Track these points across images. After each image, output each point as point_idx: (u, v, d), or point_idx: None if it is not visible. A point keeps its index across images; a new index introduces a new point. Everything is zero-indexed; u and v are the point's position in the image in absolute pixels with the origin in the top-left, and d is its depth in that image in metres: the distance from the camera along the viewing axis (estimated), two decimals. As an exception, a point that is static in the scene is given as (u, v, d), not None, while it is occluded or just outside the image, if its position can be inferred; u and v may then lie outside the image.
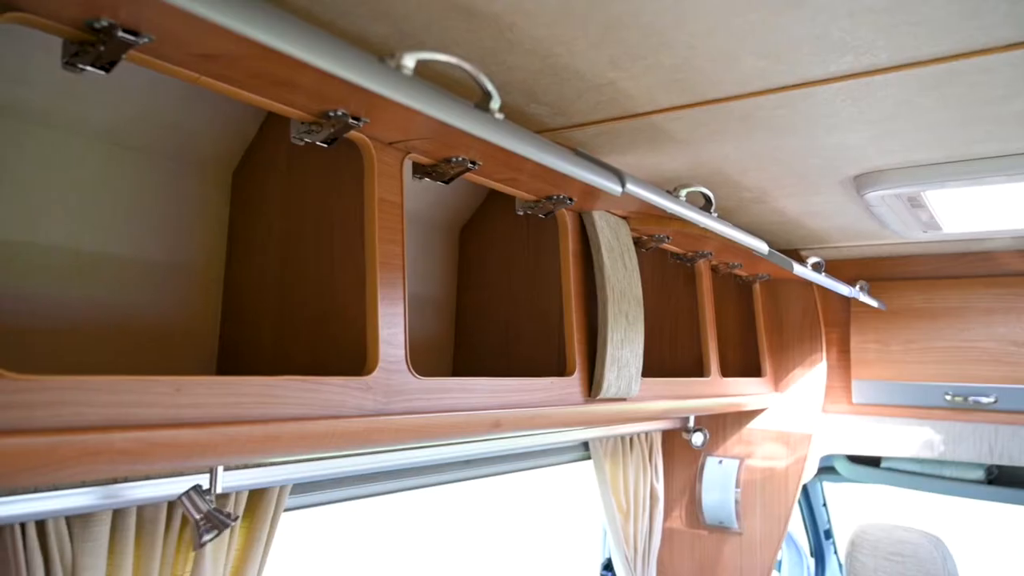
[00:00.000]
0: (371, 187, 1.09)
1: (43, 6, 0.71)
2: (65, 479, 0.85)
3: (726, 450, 2.62)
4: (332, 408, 0.97)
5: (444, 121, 0.75)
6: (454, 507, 2.26)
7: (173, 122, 1.19)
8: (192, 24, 0.72)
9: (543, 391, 1.38)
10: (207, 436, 0.81)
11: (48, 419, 0.69)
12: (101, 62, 0.78)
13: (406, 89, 0.69)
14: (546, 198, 1.45)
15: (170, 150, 1.22)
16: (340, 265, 1.14)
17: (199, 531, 0.96)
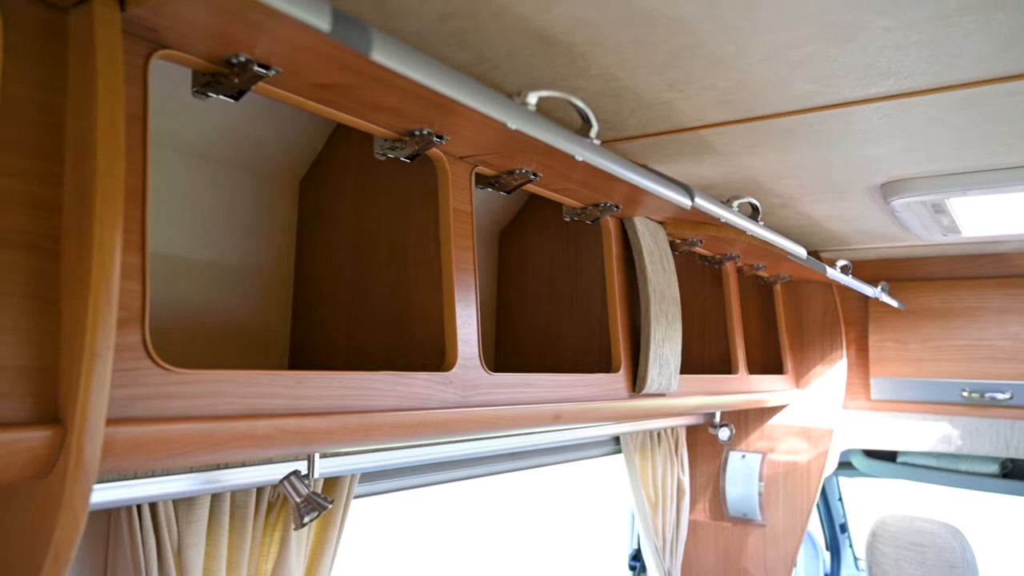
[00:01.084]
0: (445, 198, 1.19)
1: (192, 45, 0.81)
2: (214, 461, 0.95)
3: (748, 445, 2.71)
4: (420, 400, 1.06)
5: (559, 148, 0.84)
6: (484, 498, 2.36)
7: (248, 136, 1.29)
8: (322, 58, 0.82)
9: (593, 386, 1.47)
10: (323, 424, 0.91)
11: (205, 408, 0.79)
12: (232, 92, 0.87)
13: (532, 123, 0.78)
14: (593, 205, 1.54)
15: (245, 162, 1.32)
16: (414, 270, 1.23)
17: (300, 512, 1.06)
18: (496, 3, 0.90)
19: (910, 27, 0.94)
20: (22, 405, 0.66)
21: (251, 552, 1.23)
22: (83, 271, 0.67)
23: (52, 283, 0.69)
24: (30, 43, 0.70)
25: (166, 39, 0.79)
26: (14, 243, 0.67)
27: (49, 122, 0.71)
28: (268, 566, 1.26)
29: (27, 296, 0.67)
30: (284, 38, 0.76)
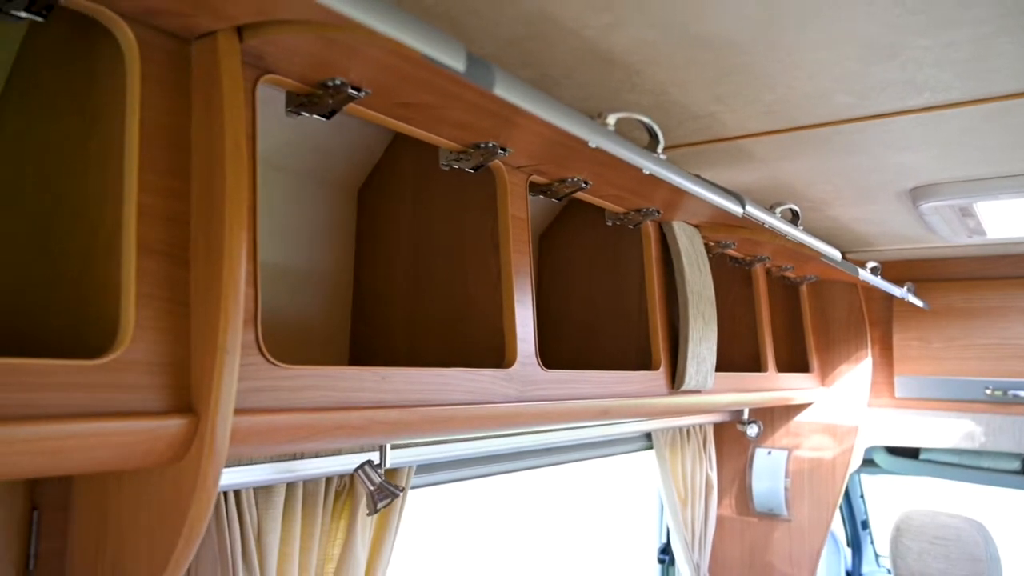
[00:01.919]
0: (504, 206, 1.26)
1: (293, 70, 0.89)
2: (312, 449, 1.03)
3: (774, 442, 2.77)
4: (486, 395, 1.14)
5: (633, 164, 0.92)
6: (517, 491, 2.44)
7: (314, 147, 1.37)
8: (411, 81, 0.90)
9: (636, 383, 1.55)
10: (406, 415, 0.99)
11: (307, 400, 0.87)
12: (325, 111, 0.95)
13: (612, 142, 0.86)
14: (635, 210, 1.61)
15: (311, 171, 1.40)
16: (472, 273, 1.31)
17: (374, 499, 1.14)
18: (565, 27, 0.98)
19: (949, 46, 1.01)
20: (162, 396, 0.74)
21: (321, 537, 1.31)
22: (212, 277, 0.75)
23: (183, 287, 0.77)
24: (160, 73, 0.78)
25: (270, 65, 0.87)
26: (154, 252, 0.75)
27: (176, 143, 0.79)
28: (336, 551, 1.34)
29: (165, 299, 0.75)
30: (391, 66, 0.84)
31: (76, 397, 0.67)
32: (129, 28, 0.75)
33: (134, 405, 0.71)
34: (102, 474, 0.85)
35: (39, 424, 0.64)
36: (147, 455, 0.72)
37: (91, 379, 0.69)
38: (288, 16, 0.73)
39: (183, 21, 0.77)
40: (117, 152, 0.77)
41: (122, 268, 0.73)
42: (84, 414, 0.67)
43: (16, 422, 0.63)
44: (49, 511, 0.89)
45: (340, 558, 1.33)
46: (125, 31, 0.75)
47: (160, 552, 0.77)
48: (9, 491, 0.85)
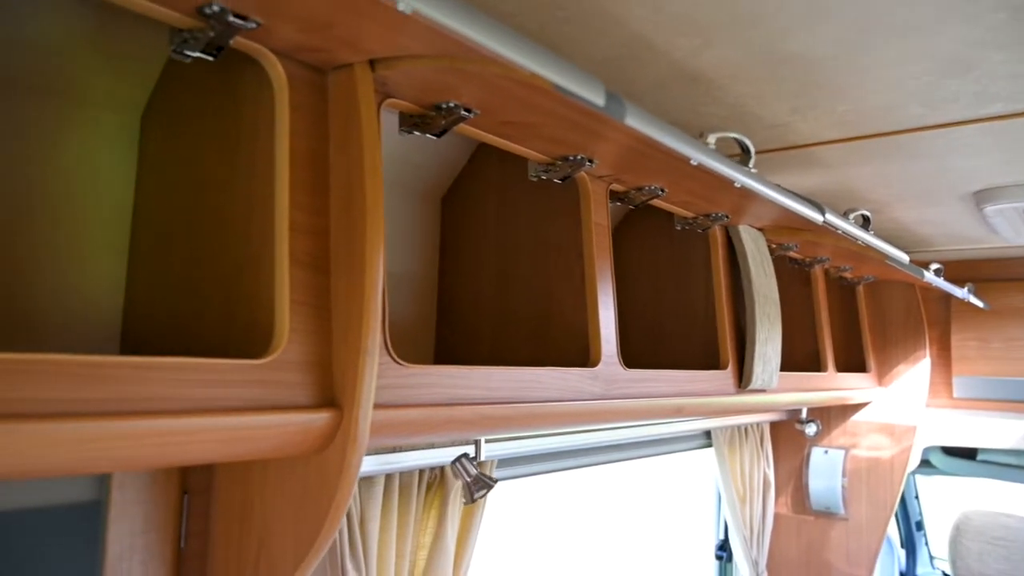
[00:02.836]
0: (587, 213, 1.34)
1: (412, 94, 0.97)
2: (427, 441, 1.12)
3: (831, 441, 2.80)
4: (575, 393, 1.21)
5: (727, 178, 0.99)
6: (577, 487, 2.51)
7: (406, 158, 1.45)
8: (517, 102, 0.98)
9: (705, 382, 1.61)
10: (507, 411, 1.07)
11: (425, 396, 0.95)
12: (436, 131, 1.03)
13: (712, 158, 0.93)
14: (704, 215, 1.67)
15: (402, 181, 1.49)
16: (556, 277, 1.38)
17: (471, 490, 1.22)
18: (657, 49, 1.05)
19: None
20: (310, 392, 0.82)
21: (414, 526, 1.39)
22: (353, 285, 0.84)
23: (325, 294, 0.86)
24: (303, 101, 0.87)
25: (392, 91, 0.96)
26: (303, 263, 0.84)
27: (316, 164, 0.88)
28: (427, 539, 1.42)
29: (311, 305, 0.84)
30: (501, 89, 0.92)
31: (245, 392, 0.76)
32: (279, 62, 0.84)
33: (290, 400, 0.80)
34: (246, 462, 0.94)
35: (217, 416, 0.73)
36: (300, 445, 0.81)
37: (256, 377, 0.77)
38: (425, 51, 0.81)
39: (325, 56, 0.85)
40: (262, 172, 0.87)
41: (275, 278, 0.82)
42: (252, 408, 0.76)
43: (199, 414, 0.72)
44: (196, 495, 0.98)
45: (431, 546, 1.42)
46: (276, 65, 0.84)
47: (306, 533, 0.86)
48: (165, 477, 0.95)
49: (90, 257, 1.04)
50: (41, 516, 0.86)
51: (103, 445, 0.65)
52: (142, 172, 1.08)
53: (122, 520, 0.89)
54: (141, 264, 1.05)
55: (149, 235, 1.04)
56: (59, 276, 1.01)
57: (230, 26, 0.75)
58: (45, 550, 0.86)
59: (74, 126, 1.03)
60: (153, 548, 0.92)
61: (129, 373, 0.67)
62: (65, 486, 0.88)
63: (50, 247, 1.00)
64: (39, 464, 0.62)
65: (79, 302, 1.03)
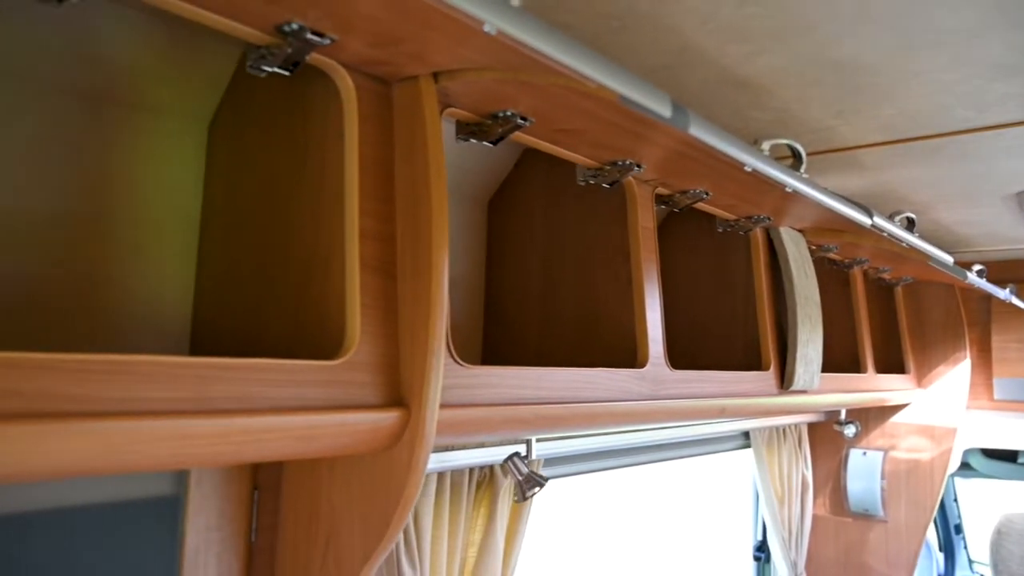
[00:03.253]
0: (634, 217, 1.36)
1: (471, 104, 1.00)
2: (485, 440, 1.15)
3: (869, 442, 2.79)
4: (624, 393, 1.24)
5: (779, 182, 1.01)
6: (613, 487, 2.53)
7: (457, 164, 1.49)
8: (573, 110, 1.01)
9: (748, 383, 1.62)
10: (561, 411, 1.10)
11: (484, 396, 0.98)
12: (492, 139, 1.07)
13: (766, 164, 0.95)
14: (746, 217, 1.69)
15: (451, 185, 1.52)
16: (602, 279, 1.41)
17: (523, 488, 1.25)
18: (707, 57, 1.07)
19: (1075, 63, 1.06)
20: (380, 392, 0.86)
21: (464, 523, 1.43)
22: (420, 288, 0.87)
23: (392, 297, 0.89)
24: (370, 111, 0.90)
25: (452, 100, 0.99)
26: (371, 268, 0.87)
27: (383, 172, 0.91)
28: (476, 536, 1.45)
29: (379, 308, 0.87)
30: (558, 98, 0.95)
31: (319, 392, 0.80)
32: (348, 75, 0.87)
33: (361, 400, 0.84)
34: (314, 460, 0.98)
35: (294, 415, 0.76)
36: (370, 442, 0.84)
37: (329, 377, 0.81)
38: (490, 64, 0.84)
39: (392, 68, 0.89)
40: (331, 180, 0.90)
41: (346, 282, 0.86)
42: (326, 407, 0.80)
43: (278, 413, 0.75)
44: (265, 491, 1.02)
45: (481, 543, 1.45)
46: (345, 78, 0.87)
47: (374, 529, 0.89)
48: (238, 473, 0.99)
49: (161, 262, 1.08)
50: (124, 509, 0.91)
51: (189, 442, 0.68)
52: (209, 179, 1.12)
53: (199, 514, 0.93)
54: (209, 268, 1.10)
55: (216, 240, 1.09)
56: (133, 279, 1.05)
57: (307, 43, 0.79)
58: (128, 542, 0.90)
59: (147, 136, 1.07)
60: (227, 542, 0.97)
61: (214, 373, 0.71)
62: (146, 481, 0.93)
63: (125, 252, 1.05)
64: (130, 460, 0.65)
65: (151, 305, 1.07)
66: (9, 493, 0.83)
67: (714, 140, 0.84)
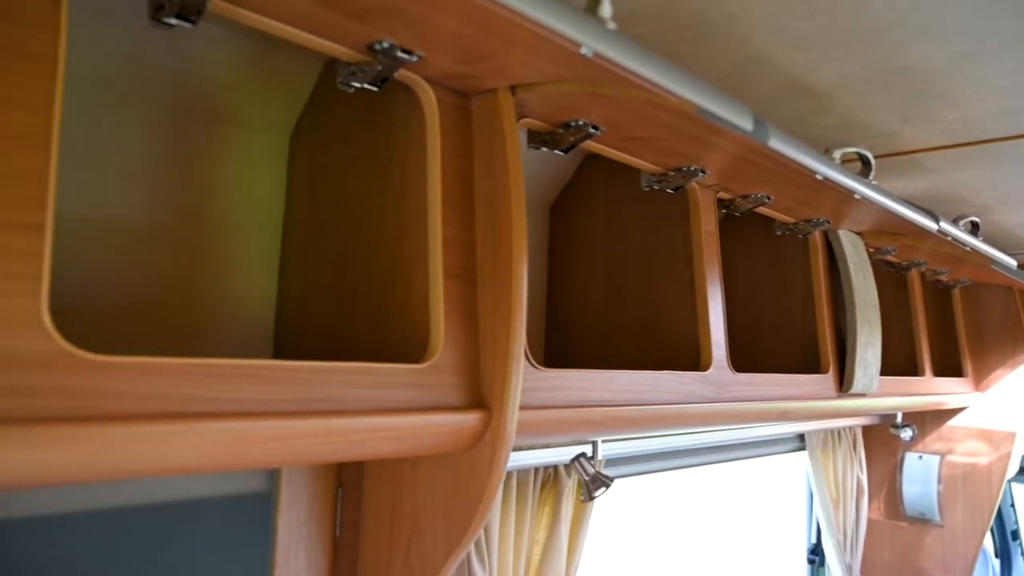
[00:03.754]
0: (697, 222, 1.38)
1: (544, 114, 1.03)
2: (557, 441, 1.18)
3: (925, 446, 2.76)
4: (688, 396, 1.26)
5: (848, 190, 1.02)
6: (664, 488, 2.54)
7: (528, 171, 1.52)
8: (643, 119, 1.03)
9: (807, 386, 1.63)
10: (629, 413, 1.12)
11: (558, 398, 1.01)
12: (563, 147, 1.10)
13: (837, 172, 0.97)
14: (805, 220, 1.69)
15: (522, 193, 1.56)
16: (664, 283, 1.42)
17: (589, 488, 1.28)
18: (774, 65, 1.09)
19: None
20: (462, 395, 0.89)
21: (530, 522, 1.46)
22: (500, 294, 0.90)
23: (472, 303, 0.93)
24: (451, 124, 0.94)
25: (526, 111, 1.02)
26: (454, 275, 0.91)
27: (463, 182, 0.95)
28: (541, 534, 1.49)
29: (461, 313, 0.91)
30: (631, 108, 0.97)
31: (408, 394, 0.83)
32: (431, 90, 0.91)
33: (445, 402, 0.87)
34: (396, 459, 1.02)
35: (387, 416, 0.80)
36: (454, 442, 0.88)
37: (416, 380, 0.85)
38: (571, 77, 0.87)
39: (473, 82, 0.93)
40: (413, 191, 0.94)
41: (430, 289, 0.90)
42: (415, 408, 0.83)
43: (372, 414, 0.79)
44: (349, 488, 1.07)
45: (546, 541, 1.48)
46: (428, 93, 0.91)
47: (456, 527, 0.93)
48: (324, 471, 1.04)
49: (247, 268, 1.14)
50: (220, 505, 0.96)
51: (294, 442, 0.72)
52: (291, 189, 1.17)
53: (290, 510, 0.98)
54: (290, 274, 1.15)
55: (297, 247, 1.14)
56: (220, 285, 1.11)
57: (397, 60, 0.83)
58: (224, 535, 0.95)
59: (234, 148, 1.13)
60: (314, 537, 1.01)
61: (317, 376, 0.75)
62: (240, 478, 0.97)
63: (214, 258, 1.10)
64: (239, 459, 0.69)
65: (237, 308, 1.13)
66: (118, 488, 0.89)
67: (792, 152, 0.86)
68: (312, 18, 0.75)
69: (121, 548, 0.88)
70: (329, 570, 1.03)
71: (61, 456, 0.54)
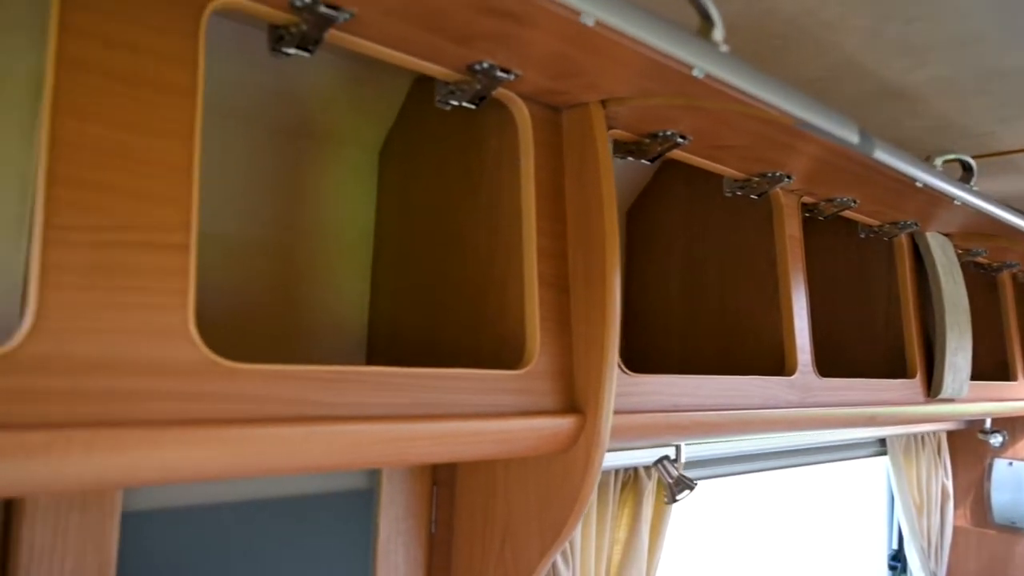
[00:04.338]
0: (781, 226, 1.37)
1: (632, 125, 1.05)
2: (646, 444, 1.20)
3: (1016, 452, 2.66)
4: (774, 401, 1.26)
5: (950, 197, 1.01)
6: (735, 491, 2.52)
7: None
8: (732, 128, 1.04)
9: (894, 391, 1.60)
10: (716, 418, 1.13)
11: (646, 403, 1.03)
12: (650, 157, 1.11)
13: (940, 179, 0.96)
14: (891, 223, 1.66)
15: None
16: (746, 287, 1.42)
17: (672, 491, 1.29)
18: (865, 69, 1.08)
19: None
20: (557, 399, 0.92)
21: (611, 522, 1.48)
22: (594, 302, 0.93)
23: (565, 310, 0.96)
24: (544, 138, 0.97)
25: (615, 123, 1.04)
26: (548, 284, 0.94)
27: (554, 193, 0.97)
28: (621, 535, 1.50)
29: (555, 320, 0.94)
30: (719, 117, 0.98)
31: (509, 399, 0.87)
32: (524, 106, 0.94)
33: (542, 406, 0.90)
34: (489, 461, 1.06)
35: (491, 420, 0.84)
36: (550, 445, 0.91)
37: (515, 385, 0.88)
38: (665, 91, 0.89)
39: (565, 97, 0.95)
40: (506, 203, 0.97)
41: (526, 297, 0.93)
42: (515, 413, 0.87)
43: (478, 418, 0.83)
44: (443, 487, 1.11)
45: (626, 542, 1.50)
46: (523, 109, 0.94)
47: (550, 526, 0.96)
48: (420, 470, 1.08)
49: (341, 278, 1.19)
50: (325, 500, 1.01)
51: (407, 444, 0.76)
52: (381, 201, 1.22)
53: (390, 507, 1.03)
54: (382, 283, 1.19)
55: (389, 257, 1.18)
56: (316, 294, 1.16)
57: (495, 79, 0.86)
58: (328, 529, 1.01)
59: (326, 163, 1.18)
60: (411, 533, 1.06)
61: (428, 382, 0.79)
62: (344, 476, 1.03)
63: (311, 269, 1.16)
64: (352, 459, 0.74)
65: (333, 316, 1.18)
66: (234, 483, 0.95)
67: (897, 163, 0.85)
68: (418, 42, 0.79)
69: (239, 539, 0.95)
70: (426, 565, 1.07)
71: (207, 455, 0.59)
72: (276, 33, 0.75)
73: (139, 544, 0.84)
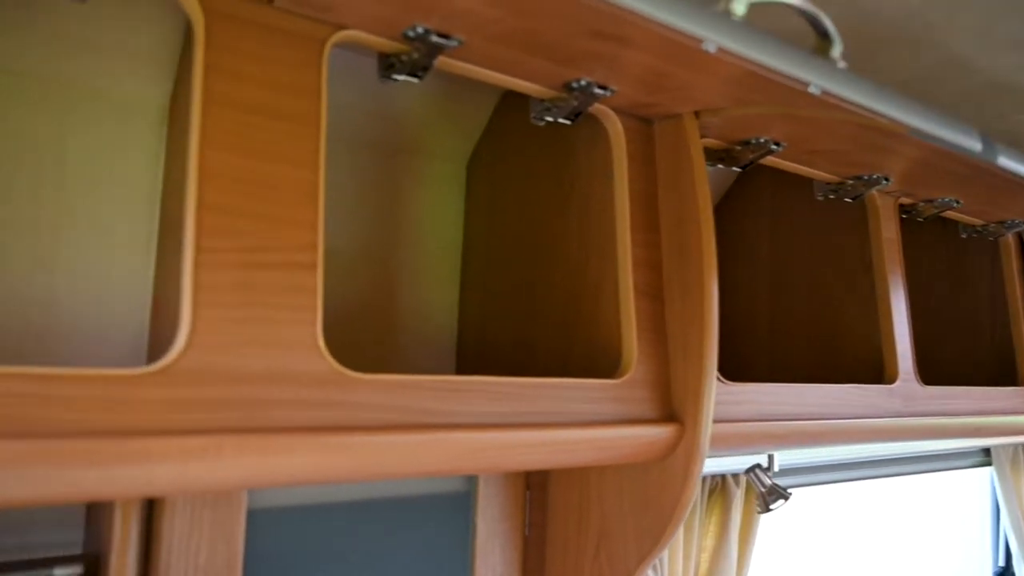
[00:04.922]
0: (877, 229, 1.34)
1: (724, 134, 1.05)
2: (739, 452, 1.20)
3: None
4: (873, 410, 1.23)
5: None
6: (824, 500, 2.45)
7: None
8: (828, 133, 1.03)
9: (1003, 400, 1.53)
10: (816, 427, 1.12)
11: (745, 412, 1.03)
12: (742, 164, 1.11)
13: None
14: (996, 222, 1.59)
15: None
16: (841, 292, 1.39)
17: (765, 500, 1.28)
18: (971, 66, 1.05)
19: None
20: (655, 408, 0.93)
21: (698, 529, 1.47)
22: (690, 311, 0.93)
23: (661, 319, 0.96)
24: (636, 150, 0.98)
25: (708, 132, 1.04)
26: (644, 293, 0.95)
27: (648, 203, 0.98)
28: (708, 542, 1.50)
29: (651, 330, 0.95)
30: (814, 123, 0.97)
31: (609, 408, 0.88)
32: (619, 119, 0.96)
33: (640, 415, 0.91)
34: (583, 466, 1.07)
35: (594, 428, 0.85)
36: (648, 453, 0.92)
37: (614, 394, 0.89)
38: (767, 102, 0.89)
39: (658, 110, 0.96)
40: (599, 214, 0.99)
41: (621, 307, 0.94)
42: (616, 421, 0.88)
43: (582, 426, 0.85)
44: (536, 491, 1.14)
45: (714, 549, 1.49)
46: (616, 123, 0.96)
47: (648, 533, 0.97)
48: (515, 475, 1.11)
49: (432, 287, 1.23)
50: (426, 502, 1.05)
51: (514, 451, 0.79)
52: (469, 212, 1.25)
53: (487, 509, 1.06)
54: (472, 291, 1.23)
55: (478, 266, 1.21)
56: (408, 303, 1.20)
57: (592, 96, 0.88)
58: (429, 529, 1.05)
59: (421, 177, 1.22)
60: (507, 534, 1.08)
61: (535, 392, 0.81)
62: (445, 480, 1.06)
63: (405, 279, 1.20)
64: (461, 465, 0.76)
65: (423, 324, 1.22)
66: (346, 485, 1.00)
67: (1021, 168, 0.83)
68: (520, 64, 0.81)
69: (348, 536, 0.99)
70: (521, 566, 1.10)
71: (333, 460, 0.63)
72: (387, 61, 0.79)
73: (262, 539, 0.89)
